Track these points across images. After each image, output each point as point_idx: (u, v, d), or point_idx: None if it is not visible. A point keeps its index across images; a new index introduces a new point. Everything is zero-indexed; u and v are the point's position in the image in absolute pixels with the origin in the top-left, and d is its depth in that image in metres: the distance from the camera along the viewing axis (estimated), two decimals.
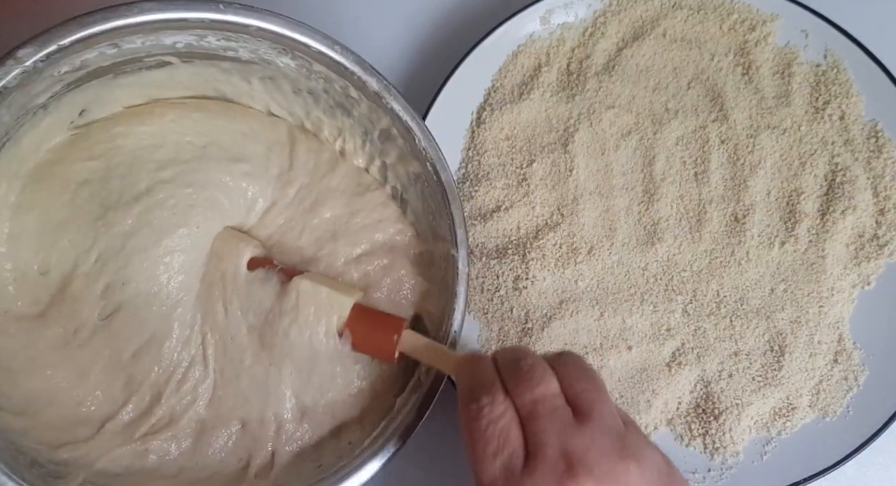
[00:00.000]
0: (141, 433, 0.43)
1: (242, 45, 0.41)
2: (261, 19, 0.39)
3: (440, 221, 0.45)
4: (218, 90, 0.46)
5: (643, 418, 0.51)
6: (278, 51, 0.41)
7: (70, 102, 0.41)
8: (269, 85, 0.45)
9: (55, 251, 0.43)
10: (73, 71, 0.38)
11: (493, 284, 0.53)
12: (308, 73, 0.43)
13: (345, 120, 0.46)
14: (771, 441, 0.52)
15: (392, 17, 0.58)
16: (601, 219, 0.53)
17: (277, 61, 0.42)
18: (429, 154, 0.44)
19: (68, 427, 0.42)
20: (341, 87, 0.43)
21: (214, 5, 0.38)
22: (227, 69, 0.44)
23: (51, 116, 0.41)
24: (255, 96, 0.46)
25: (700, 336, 0.52)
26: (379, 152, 0.47)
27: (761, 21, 0.55)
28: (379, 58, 0.57)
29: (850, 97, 0.54)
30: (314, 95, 0.45)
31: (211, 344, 0.44)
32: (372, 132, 0.46)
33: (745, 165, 0.54)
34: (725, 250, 0.53)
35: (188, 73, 0.43)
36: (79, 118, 0.43)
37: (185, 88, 0.45)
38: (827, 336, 0.52)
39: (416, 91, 0.56)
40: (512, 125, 0.55)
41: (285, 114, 0.47)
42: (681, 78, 0.55)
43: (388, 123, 0.44)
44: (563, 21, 0.56)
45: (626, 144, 0.54)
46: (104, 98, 0.43)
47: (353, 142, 0.47)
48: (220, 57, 0.42)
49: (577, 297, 0.52)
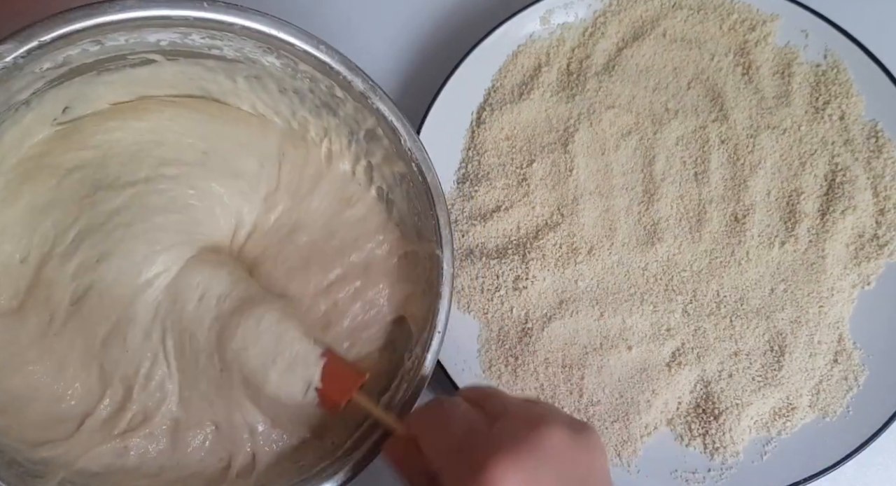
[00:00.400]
0: (119, 430, 0.42)
1: (227, 43, 0.41)
2: (245, 18, 0.39)
3: (425, 221, 0.45)
4: (203, 88, 0.45)
5: (643, 418, 0.51)
6: (263, 50, 0.41)
7: (53, 98, 0.41)
8: (255, 84, 0.45)
9: (37, 235, 0.42)
10: (55, 68, 0.38)
11: (493, 284, 0.53)
12: (293, 73, 0.43)
13: (331, 120, 0.46)
14: (771, 441, 0.52)
15: (392, 17, 0.58)
16: (601, 219, 0.53)
17: (262, 60, 0.42)
18: (414, 155, 0.44)
19: (49, 425, 0.41)
20: (327, 86, 0.43)
21: (198, 3, 0.38)
22: (213, 68, 0.43)
23: (33, 112, 0.40)
24: (241, 95, 0.46)
25: (700, 336, 0.52)
26: (365, 152, 0.47)
27: (761, 21, 0.55)
28: (379, 58, 0.57)
29: (850, 97, 0.54)
30: (300, 95, 0.45)
31: (170, 339, 0.43)
32: (358, 132, 0.46)
33: (745, 165, 0.54)
34: (725, 250, 0.53)
35: (173, 71, 0.43)
36: (62, 115, 0.42)
37: (170, 87, 0.44)
38: (827, 336, 0.52)
39: (415, 91, 0.56)
40: (512, 125, 0.55)
41: (271, 113, 0.47)
42: (681, 78, 0.55)
43: (374, 123, 0.44)
44: (563, 21, 0.56)
45: (626, 144, 0.54)
46: (88, 95, 0.42)
47: (339, 142, 0.47)
48: (205, 55, 0.42)
49: (577, 297, 0.52)
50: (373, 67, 0.56)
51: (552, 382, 0.51)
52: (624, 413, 0.51)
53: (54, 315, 0.42)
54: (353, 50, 0.56)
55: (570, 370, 0.51)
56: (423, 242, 0.46)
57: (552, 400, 0.51)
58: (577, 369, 0.51)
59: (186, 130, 0.45)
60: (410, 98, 0.56)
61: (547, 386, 0.51)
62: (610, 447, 0.51)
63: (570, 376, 0.51)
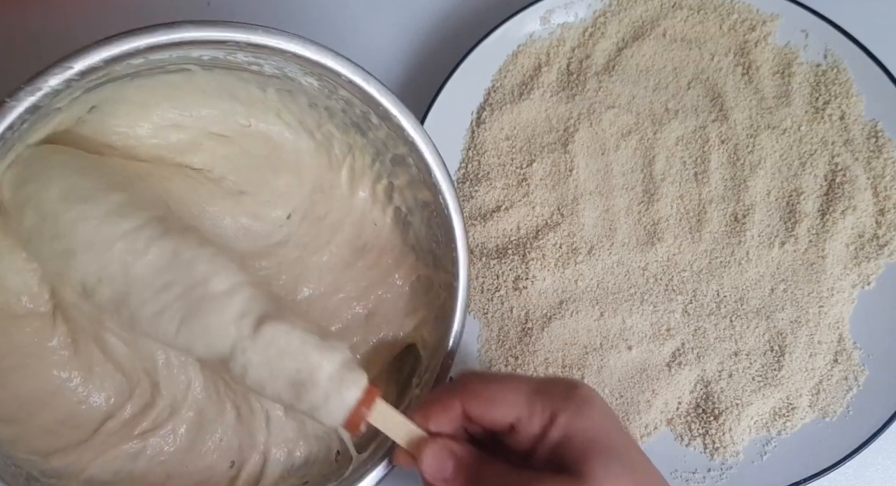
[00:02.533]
0: (142, 429, 0.42)
1: (270, 62, 0.40)
2: (297, 45, 0.38)
3: (444, 251, 0.44)
4: (232, 95, 0.44)
5: (643, 418, 0.51)
6: (304, 71, 0.40)
7: (84, 100, 0.40)
8: (286, 96, 0.44)
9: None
10: (96, 80, 0.38)
11: (493, 284, 0.53)
12: (329, 94, 0.42)
13: (357, 138, 0.45)
14: (771, 441, 0.52)
15: (392, 16, 0.58)
16: (601, 219, 0.53)
17: (301, 80, 0.41)
18: (441, 187, 0.43)
19: (61, 431, 0.40)
20: (362, 111, 0.42)
21: (253, 28, 0.37)
22: (247, 79, 0.43)
23: (62, 114, 0.40)
24: (268, 104, 0.45)
25: (700, 336, 0.52)
26: (389, 174, 0.46)
27: (761, 21, 0.55)
28: (378, 57, 0.57)
29: (850, 97, 0.54)
30: (330, 111, 0.44)
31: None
32: (384, 154, 0.45)
33: (745, 165, 0.54)
34: (725, 250, 0.53)
35: (206, 78, 0.42)
36: (87, 114, 0.42)
37: (200, 92, 0.44)
38: (827, 336, 0.52)
39: (415, 91, 0.56)
40: (512, 125, 0.55)
41: (295, 123, 0.46)
42: (681, 78, 0.55)
43: (405, 151, 0.43)
44: (563, 21, 0.56)
45: (626, 144, 0.54)
46: (116, 96, 0.42)
47: (362, 160, 0.46)
48: (244, 70, 0.42)
49: (577, 297, 0.52)
50: (372, 67, 0.56)
51: None
52: (624, 413, 0.51)
53: (87, 318, 0.41)
54: (353, 50, 0.56)
55: (570, 370, 0.51)
56: (439, 270, 0.45)
57: None
58: (577, 369, 0.51)
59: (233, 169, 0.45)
60: (410, 98, 0.56)
61: None
62: None
63: (570, 376, 0.51)
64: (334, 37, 0.57)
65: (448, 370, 0.43)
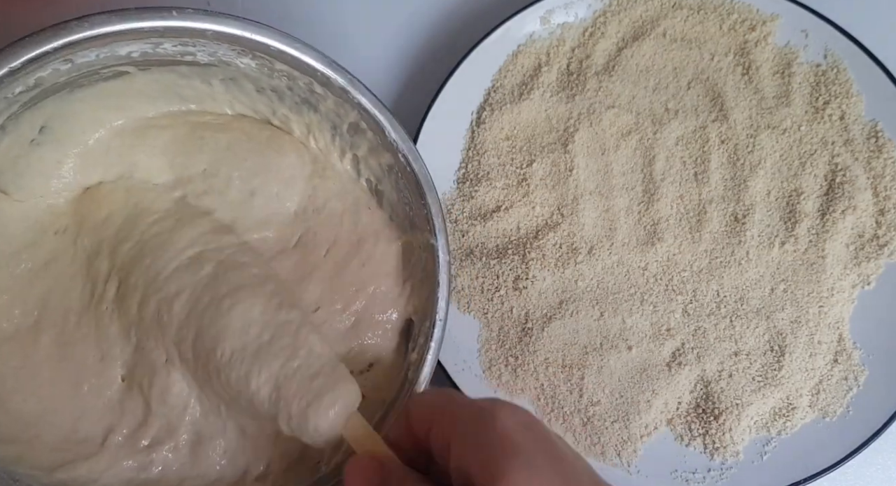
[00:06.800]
0: (143, 445, 0.41)
1: (200, 49, 0.40)
2: (216, 23, 0.38)
3: (417, 211, 0.44)
4: (180, 95, 0.44)
5: (643, 418, 0.51)
6: (237, 52, 0.40)
7: (28, 120, 0.40)
8: (231, 85, 0.44)
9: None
10: (27, 90, 0.37)
11: (493, 284, 0.53)
12: (270, 72, 0.42)
13: (312, 115, 0.45)
14: (771, 441, 0.52)
15: (392, 16, 0.58)
16: (601, 219, 0.53)
17: (237, 62, 0.41)
18: (400, 146, 0.43)
19: (68, 446, 0.40)
20: (305, 83, 0.42)
21: (167, 13, 0.37)
22: (186, 74, 0.43)
23: (9, 136, 0.40)
24: (217, 97, 0.45)
25: (700, 336, 0.52)
26: (350, 145, 0.46)
27: (761, 21, 0.55)
28: (379, 58, 0.57)
29: (850, 97, 0.54)
30: (278, 93, 0.44)
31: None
32: (340, 126, 0.45)
33: (745, 165, 0.54)
34: (725, 250, 0.53)
35: (146, 80, 0.42)
36: (39, 135, 0.41)
37: (146, 97, 0.44)
38: (827, 336, 0.52)
39: (416, 91, 0.56)
40: (512, 125, 0.55)
41: (250, 112, 0.46)
42: (681, 78, 0.55)
43: (357, 116, 0.43)
44: (563, 21, 0.56)
45: (626, 144, 0.54)
46: (63, 112, 0.42)
47: (322, 138, 0.46)
48: (178, 62, 0.41)
49: (577, 297, 0.52)
50: (373, 68, 0.57)
51: (552, 382, 0.51)
52: (624, 413, 0.51)
53: (66, 324, 0.42)
54: (353, 51, 0.56)
55: (570, 370, 0.51)
56: (416, 231, 0.45)
57: (552, 400, 0.51)
58: (577, 369, 0.51)
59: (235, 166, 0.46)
60: (410, 98, 0.56)
61: (547, 386, 0.51)
62: (610, 447, 0.51)
63: (570, 376, 0.51)
64: (335, 37, 0.57)
65: (434, 328, 0.43)
